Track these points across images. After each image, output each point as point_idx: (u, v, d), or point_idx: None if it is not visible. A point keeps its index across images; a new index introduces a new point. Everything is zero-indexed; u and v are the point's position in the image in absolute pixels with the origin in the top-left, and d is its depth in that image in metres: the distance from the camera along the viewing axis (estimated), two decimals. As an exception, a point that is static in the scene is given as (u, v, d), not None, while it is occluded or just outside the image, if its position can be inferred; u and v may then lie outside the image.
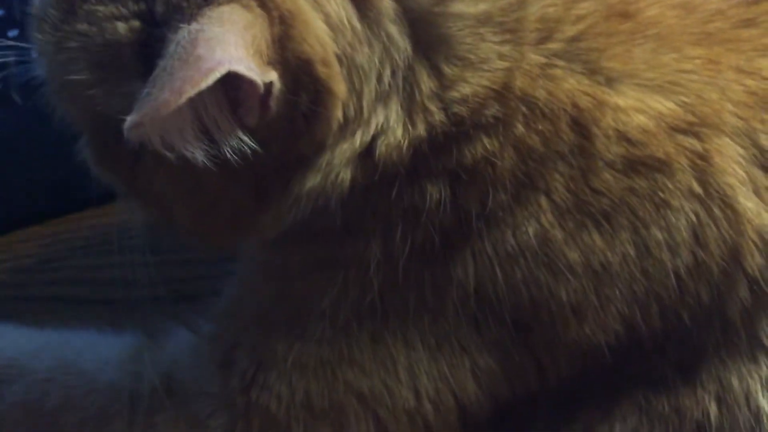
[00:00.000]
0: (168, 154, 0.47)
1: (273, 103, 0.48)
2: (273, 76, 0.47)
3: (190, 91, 0.44)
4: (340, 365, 0.55)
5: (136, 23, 0.48)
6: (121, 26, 0.48)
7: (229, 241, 0.56)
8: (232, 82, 0.45)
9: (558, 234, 0.51)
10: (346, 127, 0.51)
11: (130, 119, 0.44)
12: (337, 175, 0.51)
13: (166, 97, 0.44)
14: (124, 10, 0.48)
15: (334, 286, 0.54)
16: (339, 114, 0.49)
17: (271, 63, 0.47)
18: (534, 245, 0.51)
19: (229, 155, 0.48)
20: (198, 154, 0.47)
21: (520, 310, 0.53)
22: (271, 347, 0.56)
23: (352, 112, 0.50)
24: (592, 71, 0.52)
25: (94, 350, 0.63)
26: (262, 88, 0.46)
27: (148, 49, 0.47)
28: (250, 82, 0.46)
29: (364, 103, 0.50)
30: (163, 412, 0.58)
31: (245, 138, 0.48)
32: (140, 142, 0.47)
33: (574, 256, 0.51)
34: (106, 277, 0.76)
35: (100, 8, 0.48)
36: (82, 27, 0.49)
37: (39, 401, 0.60)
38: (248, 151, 0.48)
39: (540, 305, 0.52)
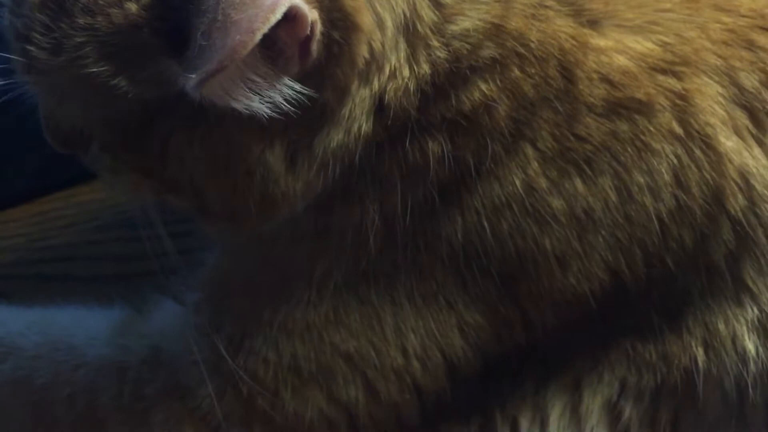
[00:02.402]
0: (236, 105, 0.45)
1: (314, 47, 0.46)
2: (315, 15, 0.45)
3: (262, 27, 0.42)
4: (326, 328, 0.53)
5: None
6: (132, 6, 0.45)
7: (260, 222, 0.53)
8: (265, 38, 0.43)
9: (543, 183, 0.50)
10: (368, 70, 0.48)
11: (202, 71, 0.43)
12: (359, 128, 0.49)
13: (239, 39, 0.42)
14: None
15: (326, 255, 0.52)
16: (365, 50, 0.47)
17: (309, 1, 0.45)
18: (520, 195, 0.50)
19: (284, 106, 0.46)
20: (258, 105, 0.45)
21: (506, 262, 0.51)
22: (256, 312, 0.54)
23: (374, 50, 0.48)
24: (577, 12, 0.50)
25: (81, 325, 0.61)
26: (309, 28, 0.44)
27: (165, 23, 0.45)
28: (291, 30, 0.44)
29: (385, 40, 0.48)
30: (152, 384, 0.56)
31: (295, 84, 0.46)
32: (199, 102, 0.45)
33: (557, 204, 0.50)
34: (94, 254, 0.74)
35: None
36: (84, 21, 0.45)
37: (28, 378, 0.59)
38: (299, 98, 0.46)
39: (525, 256, 0.50)
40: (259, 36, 0.42)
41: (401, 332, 0.52)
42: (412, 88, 0.49)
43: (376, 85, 0.49)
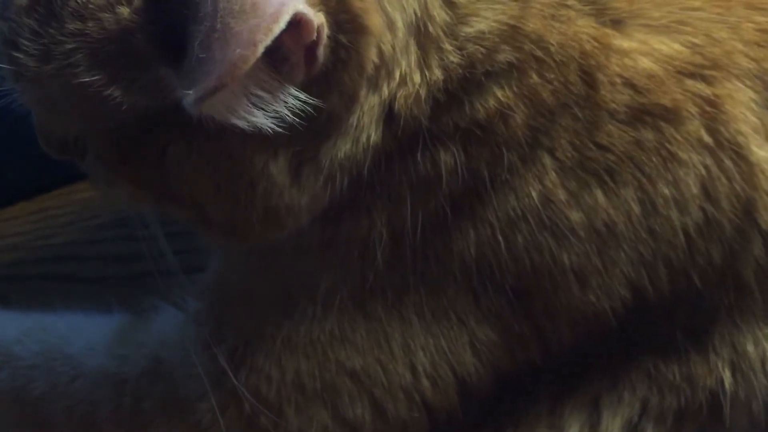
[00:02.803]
0: (238, 122, 0.42)
1: (321, 52, 0.43)
2: (321, 18, 0.42)
3: (265, 39, 0.40)
4: (331, 344, 0.50)
5: (138, 2, 0.42)
6: (123, 10, 0.42)
7: (263, 235, 0.50)
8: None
9: (561, 195, 0.47)
10: (377, 75, 0.46)
11: (201, 88, 0.40)
12: (368, 138, 0.47)
13: (240, 53, 0.39)
14: None
15: (332, 268, 0.50)
16: (374, 54, 0.45)
17: (314, 4, 0.42)
18: (537, 208, 0.47)
19: (288, 117, 0.43)
20: (262, 120, 0.43)
21: (521, 278, 0.48)
22: (258, 327, 0.52)
23: (384, 53, 0.45)
24: (599, 11, 0.47)
25: (80, 334, 0.59)
26: (315, 33, 0.42)
27: (160, 28, 0.42)
28: (295, 36, 0.41)
29: (396, 42, 0.45)
30: (151, 397, 0.54)
31: (300, 94, 0.43)
32: (198, 117, 0.43)
33: (576, 217, 0.47)
34: (94, 254, 0.72)
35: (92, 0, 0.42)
36: (74, 26, 0.43)
37: (25, 388, 0.57)
38: (305, 108, 0.43)
39: (541, 271, 0.48)
40: (261, 49, 0.40)
41: (410, 349, 0.50)
42: (423, 95, 0.46)
43: (385, 91, 0.46)
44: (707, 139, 0.46)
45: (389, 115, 0.46)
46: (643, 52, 0.47)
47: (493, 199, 0.47)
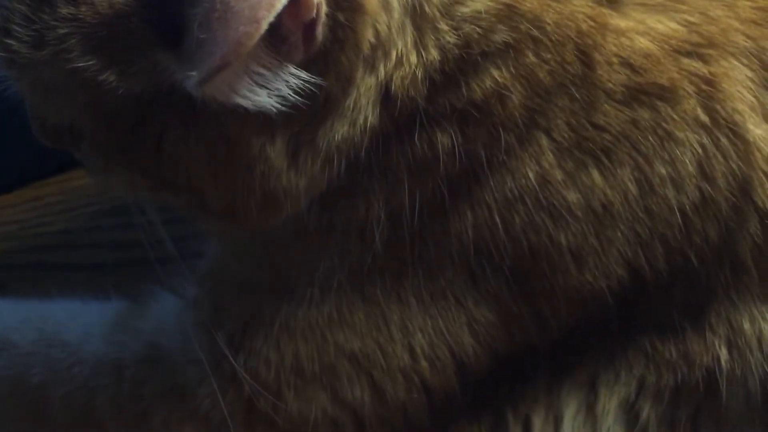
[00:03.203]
0: (241, 101, 0.42)
1: (319, 30, 0.42)
2: None
3: (268, 16, 0.39)
4: (329, 327, 0.50)
5: None
6: None
7: (262, 220, 0.50)
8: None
9: (558, 175, 0.47)
10: (373, 56, 0.45)
11: (203, 69, 0.39)
12: (365, 120, 0.46)
13: (243, 31, 0.39)
14: None
15: (330, 252, 0.49)
16: (370, 34, 0.44)
17: None
18: (534, 189, 0.47)
19: (290, 96, 0.43)
20: (265, 99, 0.43)
21: (519, 258, 0.48)
22: (256, 311, 0.51)
23: (380, 33, 0.45)
24: None
25: (77, 321, 0.59)
26: (314, 11, 0.41)
27: (156, 11, 0.41)
28: (294, 13, 0.41)
29: (392, 22, 0.45)
30: (150, 383, 0.54)
31: (301, 73, 0.43)
32: (198, 100, 0.42)
33: (573, 197, 0.47)
34: (90, 241, 0.72)
35: None
36: (67, 10, 0.42)
37: (23, 376, 0.57)
38: (307, 87, 0.43)
39: (539, 252, 0.48)
40: (265, 25, 0.39)
41: (408, 331, 0.50)
42: (420, 76, 0.46)
43: (382, 72, 0.45)
44: (704, 117, 0.46)
45: (386, 96, 0.46)
46: (639, 31, 0.46)
47: (490, 180, 0.47)
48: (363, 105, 0.46)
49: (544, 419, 0.51)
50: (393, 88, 0.46)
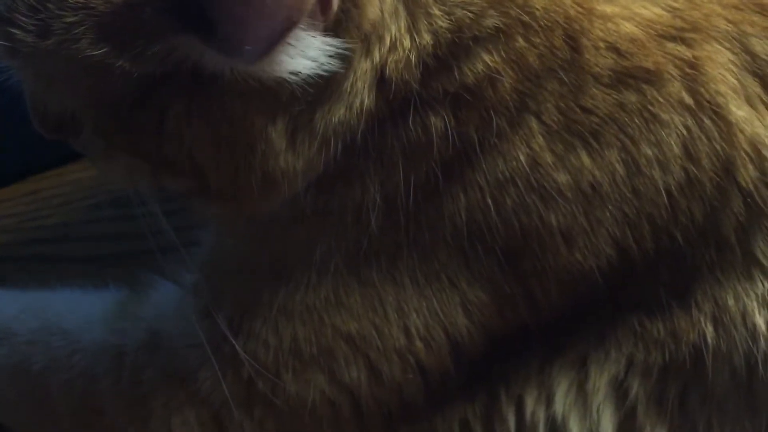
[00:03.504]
0: (296, 69, 0.43)
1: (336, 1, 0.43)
2: None
3: None
4: (326, 309, 0.51)
5: None
6: None
7: (261, 201, 0.50)
8: None
9: (548, 157, 0.48)
10: (368, 41, 0.46)
11: (260, 44, 0.40)
12: (361, 103, 0.47)
13: (290, 3, 0.39)
14: None
15: (326, 235, 0.50)
16: (371, 12, 0.45)
17: None
18: (525, 171, 0.48)
19: (328, 64, 0.44)
20: (311, 65, 0.43)
21: (510, 239, 0.49)
22: (254, 294, 0.52)
23: (374, 19, 0.45)
24: None
25: (77, 309, 0.59)
26: None
27: None
28: None
29: (384, 6, 0.46)
30: (150, 368, 0.54)
31: (332, 40, 0.43)
32: (204, 75, 0.43)
33: (563, 179, 0.48)
34: (87, 233, 0.72)
35: None
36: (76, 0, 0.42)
37: (23, 364, 0.57)
38: (339, 56, 0.44)
39: (530, 233, 0.49)
40: None
41: (403, 312, 0.51)
42: (413, 60, 0.47)
43: (377, 56, 0.46)
44: (688, 100, 0.47)
45: (381, 80, 0.47)
46: (625, 16, 0.47)
47: (482, 162, 0.48)
48: (359, 88, 0.46)
49: (536, 398, 0.52)
50: (387, 72, 0.47)
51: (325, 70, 0.44)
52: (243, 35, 0.41)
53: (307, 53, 0.43)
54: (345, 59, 0.45)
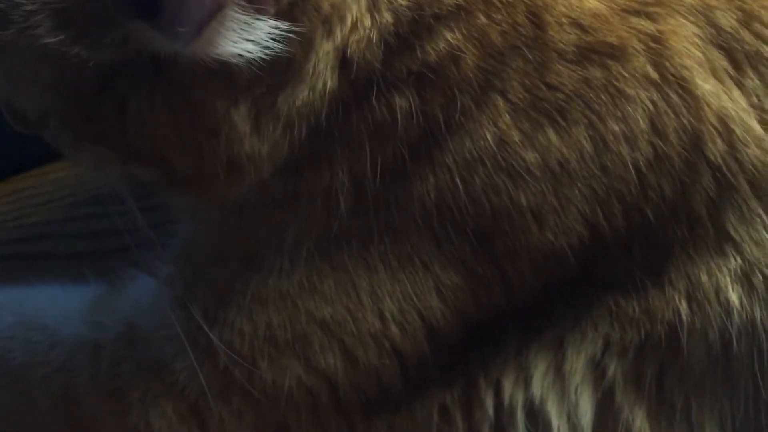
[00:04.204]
0: (232, 52, 0.43)
1: None
2: None
3: None
4: (300, 296, 0.51)
5: None
6: None
7: (228, 187, 0.50)
8: None
9: (515, 135, 0.47)
10: (330, 22, 0.46)
11: (191, 25, 0.40)
12: (324, 84, 0.47)
13: None
14: None
15: (297, 221, 0.50)
16: None
17: None
18: (492, 150, 0.47)
19: (272, 46, 0.43)
20: (254, 48, 0.43)
21: (481, 220, 0.49)
22: (228, 283, 0.52)
23: None
24: None
25: (55, 304, 0.59)
26: None
27: None
28: None
29: None
30: (127, 361, 0.54)
31: (278, 23, 0.43)
32: (160, 61, 0.43)
33: (531, 157, 0.47)
34: (70, 231, 0.72)
35: None
36: None
37: (3, 360, 0.57)
38: (282, 37, 0.44)
39: (500, 213, 0.48)
40: None
41: (377, 296, 0.50)
42: (375, 39, 0.46)
43: (338, 37, 0.46)
44: (653, 74, 0.47)
45: (343, 61, 0.47)
46: None
47: (449, 142, 0.47)
48: (321, 69, 0.46)
49: (514, 381, 0.52)
50: (349, 52, 0.46)
51: (272, 53, 0.44)
52: (178, 18, 0.41)
53: (248, 36, 0.43)
54: (302, 41, 0.45)
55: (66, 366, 0.55)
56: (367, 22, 0.46)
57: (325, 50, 0.46)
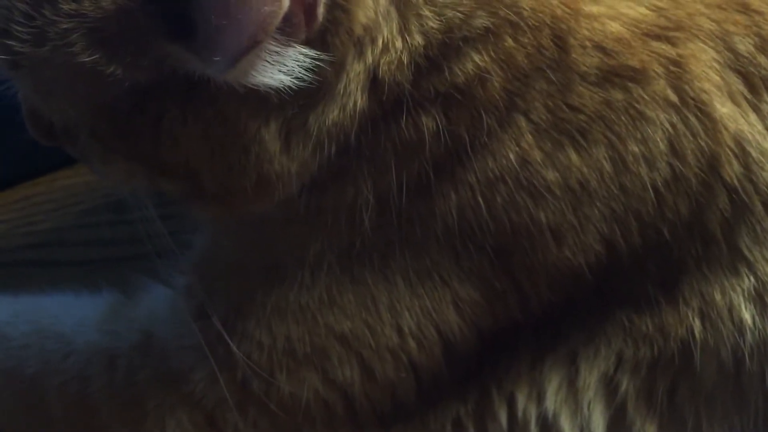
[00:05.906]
0: (267, 81, 0.44)
1: (320, 11, 0.44)
2: None
3: None
4: (320, 309, 0.51)
5: None
6: None
7: (255, 203, 0.51)
8: None
9: (537, 155, 0.48)
10: (362, 43, 0.47)
11: (230, 53, 0.41)
12: (354, 104, 0.47)
13: (267, 10, 0.40)
14: None
15: (319, 235, 0.50)
16: (362, 17, 0.45)
17: None
18: (514, 169, 0.48)
19: (303, 74, 0.44)
20: (283, 77, 0.44)
21: (501, 237, 0.49)
22: (248, 295, 0.52)
23: (368, 20, 0.46)
24: None
25: (70, 313, 0.59)
26: None
27: (161, 5, 0.42)
28: None
29: (378, 8, 0.46)
30: (143, 370, 0.54)
31: (310, 51, 0.44)
32: (196, 80, 0.44)
33: (552, 176, 0.48)
34: (78, 238, 0.72)
35: None
36: (68, 7, 0.42)
37: (18, 368, 0.57)
38: (314, 65, 0.44)
39: (520, 230, 0.49)
40: (286, 3, 0.40)
41: (396, 311, 0.51)
42: (405, 61, 0.47)
43: (369, 58, 0.47)
44: (673, 97, 0.48)
45: (374, 81, 0.47)
46: (610, 16, 0.48)
47: (473, 161, 0.48)
48: (353, 90, 0.47)
49: (528, 395, 0.52)
50: (380, 73, 0.47)
51: (302, 82, 0.44)
52: (214, 46, 0.41)
53: (281, 65, 0.44)
54: (334, 62, 0.45)
55: (81, 374, 0.55)
56: (399, 44, 0.47)
57: (356, 71, 0.47)
